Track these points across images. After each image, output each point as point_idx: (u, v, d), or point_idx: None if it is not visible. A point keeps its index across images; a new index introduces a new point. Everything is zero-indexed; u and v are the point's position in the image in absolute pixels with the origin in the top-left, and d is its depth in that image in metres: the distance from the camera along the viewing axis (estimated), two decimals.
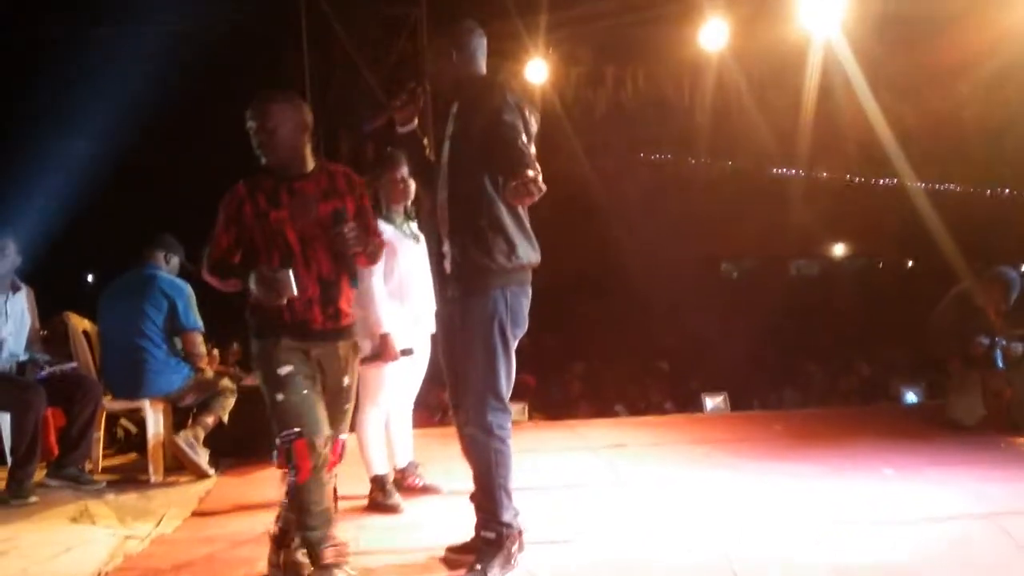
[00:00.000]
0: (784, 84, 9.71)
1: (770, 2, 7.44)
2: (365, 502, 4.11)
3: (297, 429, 2.95)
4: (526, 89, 8.94)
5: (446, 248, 3.13)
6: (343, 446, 3.16)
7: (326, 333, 3.09)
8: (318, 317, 3.06)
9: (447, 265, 3.14)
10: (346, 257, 3.07)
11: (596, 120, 10.95)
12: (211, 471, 4.82)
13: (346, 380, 3.16)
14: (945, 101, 9.67)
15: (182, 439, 4.75)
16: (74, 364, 5.02)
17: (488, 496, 3.11)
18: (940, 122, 10.11)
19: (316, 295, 3.05)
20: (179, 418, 5.19)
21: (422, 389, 4.42)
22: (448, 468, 4.31)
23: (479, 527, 3.14)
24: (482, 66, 3.24)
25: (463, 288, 3.10)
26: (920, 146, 10.40)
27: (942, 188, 13.80)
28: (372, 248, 3.15)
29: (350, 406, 3.21)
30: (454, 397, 3.25)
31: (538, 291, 3.22)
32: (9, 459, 4.51)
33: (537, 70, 9.02)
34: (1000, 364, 5.46)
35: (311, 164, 3.14)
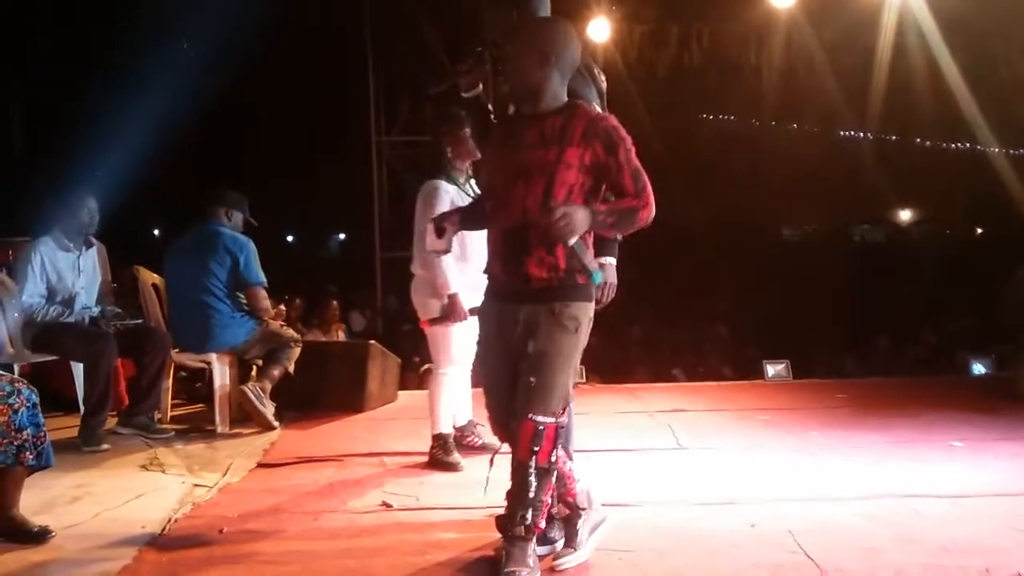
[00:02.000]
0: (856, 44, 9.41)
1: None
2: (426, 459, 4.16)
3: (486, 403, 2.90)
4: (587, 47, 8.82)
5: None
6: (535, 431, 2.63)
7: (509, 293, 2.75)
8: (500, 274, 2.77)
9: None
10: (568, 249, 2.63)
11: (659, 80, 10.77)
12: (276, 424, 4.91)
13: (530, 345, 2.66)
14: None
15: (250, 390, 4.84)
16: (140, 320, 5.15)
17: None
18: (1021, 86, 9.70)
19: (500, 249, 2.76)
20: (244, 371, 5.31)
21: None
22: None
23: None
24: None
25: None
26: (997, 111, 10.01)
27: (1018, 154, 13.29)
28: (611, 221, 2.64)
29: (538, 379, 2.64)
30: None
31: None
32: (82, 407, 4.66)
33: (600, 28, 8.89)
34: None
35: (551, 103, 2.72)
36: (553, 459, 2.68)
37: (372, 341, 5.84)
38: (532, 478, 2.66)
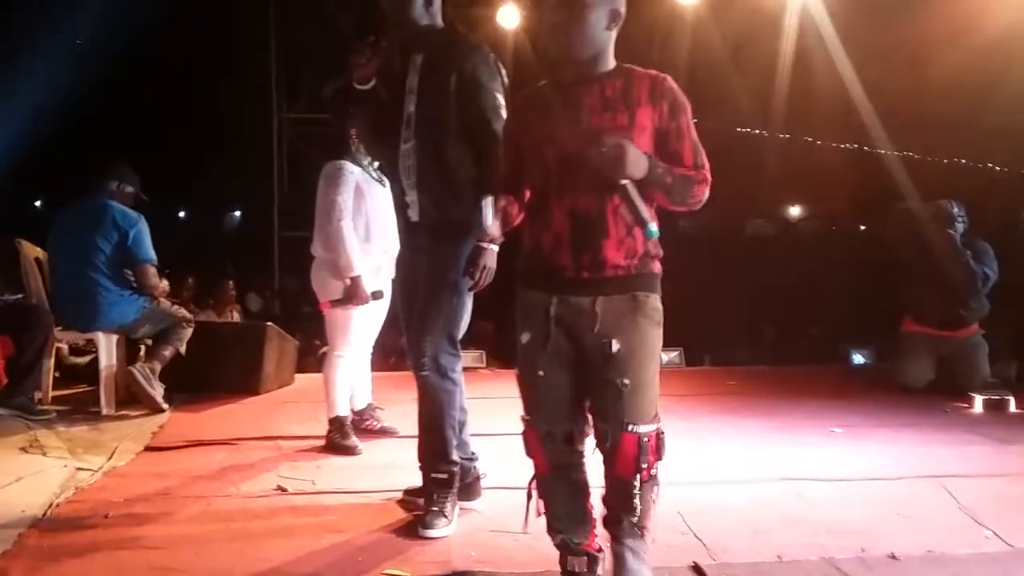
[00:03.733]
0: (758, 43, 9.68)
1: None
2: (323, 443, 4.11)
3: (527, 416, 2.47)
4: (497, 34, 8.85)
5: (412, 198, 3.10)
6: (639, 444, 2.27)
7: (577, 284, 2.33)
8: (567, 263, 2.34)
9: (412, 214, 3.12)
10: (621, 192, 2.23)
11: None
12: (166, 406, 4.77)
13: (615, 345, 2.27)
14: (916, 69, 9.72)
15: (138, 371, 4.70)
16: (20, 295, 4.92)
17: (440, 437, 3.14)
18: (909, 90, 10.17)
19: (565, 234, 2.33)
20: (131, 351, 5.13)
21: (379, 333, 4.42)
22: (405, 410, 4.30)
23: (429, 469, 3.16)
24: (438, 16, 3.15)
25: (433, 238, 3.08)
26: (886, 112, 10.46)
27: (901, 155, 13.95)
28: (668, 181, 2.28)
29: (632, 381, 2.27)
30: (410, 342, 3.21)
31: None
32: None
33: (509, 16, 8.90)
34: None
35: (608, 65, 2.39)
36: (656, 471, 2.33)
37: (269, 323, 5.73)
38: (635, 493, 2.31)
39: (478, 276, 2.96)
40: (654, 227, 2.26)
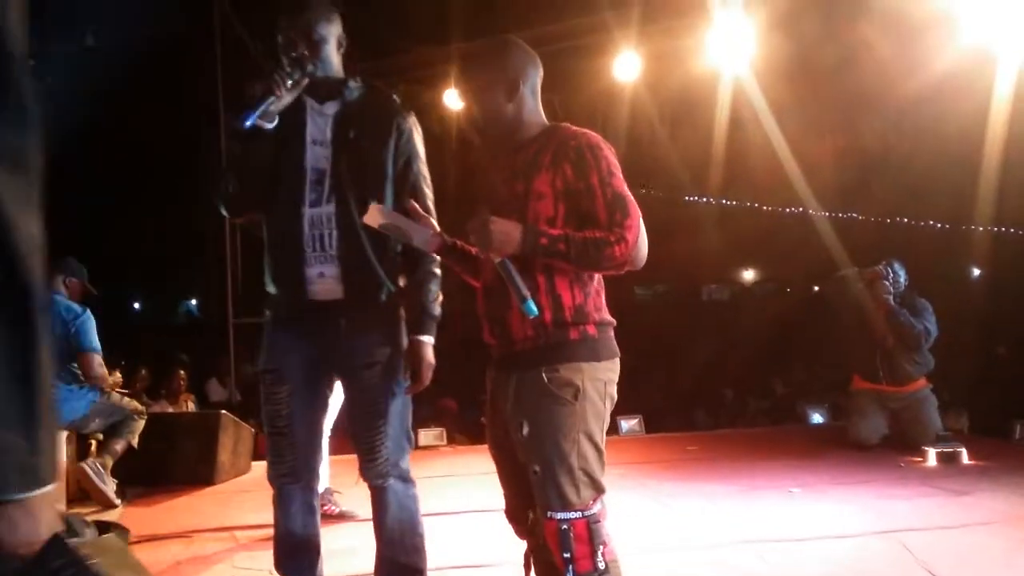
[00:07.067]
0: (695, 116, 10.00)
1: (682, 38, 7.70)
2: None
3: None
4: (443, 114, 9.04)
5: (325, 271, 2.57)
6: (559, 531, 2.11)
7: (500, 360, 2.28)
8: (488, 338, 2.30)
9: (326, 290, 2.57)
10: (499, 266, 2.12)
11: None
12: (118, 501, 4.67)
13: (525, 429, 2.13)
14: (848, 134, 10.11)
15: (89, 467, 4.60)
16: None
17: (414, 542, 2.77)
18: (843, 154, 10.55)
19: (483, 310, 2.30)
20: (82, 445, 5.03)
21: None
22: (363, 494, 4.25)
23: None
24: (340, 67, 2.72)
25: (361, 324, 2.61)
26: (825, 177, 10.82)
27: (845, 217, 14.39)
28: (561, 249, 2.09)
29: (541, 467, 2.12)
30: (296, 452, 2.80)
31: (457, 315, 3.23)
32: None
33: (455, 98, 9.11)
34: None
35: (531, 130, 2.31)
36: (600, 564, 2.11)
37: (223, 411, 5.66)
38: None
39: (423, 376, 2.65)
40: (532, 305, 2.08)
